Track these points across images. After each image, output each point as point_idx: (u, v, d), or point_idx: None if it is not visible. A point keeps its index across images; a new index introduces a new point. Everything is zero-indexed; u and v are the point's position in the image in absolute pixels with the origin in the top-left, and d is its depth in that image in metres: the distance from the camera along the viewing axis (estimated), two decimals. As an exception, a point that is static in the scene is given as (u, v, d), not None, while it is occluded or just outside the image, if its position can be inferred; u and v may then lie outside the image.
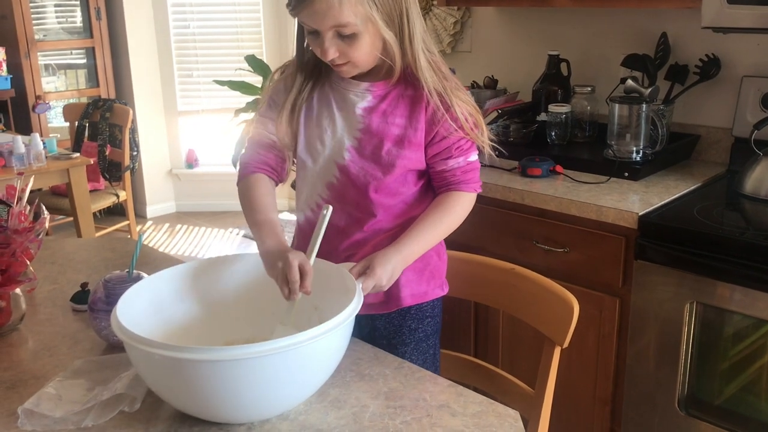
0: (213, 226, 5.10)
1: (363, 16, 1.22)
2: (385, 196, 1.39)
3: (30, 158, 3.52)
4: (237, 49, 5.09)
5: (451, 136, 1.36)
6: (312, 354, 1.04)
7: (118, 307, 1.10)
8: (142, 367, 1.06)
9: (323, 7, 1.19)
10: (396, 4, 1.24)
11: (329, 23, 1.22)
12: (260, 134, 1.46)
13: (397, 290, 1.42)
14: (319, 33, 1.24)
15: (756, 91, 2.17)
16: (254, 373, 1.00)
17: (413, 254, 1.36)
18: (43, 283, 1.62)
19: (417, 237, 1.36)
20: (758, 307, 1.70)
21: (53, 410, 1.10)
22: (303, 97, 1.39)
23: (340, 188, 1.40)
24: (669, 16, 2.35)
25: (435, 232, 1.39)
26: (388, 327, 1.48)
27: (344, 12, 1.20)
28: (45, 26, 4.91)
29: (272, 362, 1.00)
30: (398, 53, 1.29)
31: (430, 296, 1.48)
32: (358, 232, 1.41)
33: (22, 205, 1.38)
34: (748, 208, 2.00)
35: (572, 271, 2.01)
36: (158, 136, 5.30)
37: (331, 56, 1.26)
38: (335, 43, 1.25)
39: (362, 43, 1.25)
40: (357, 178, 1.38)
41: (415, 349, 1.49)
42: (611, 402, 2.04)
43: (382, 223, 1.41)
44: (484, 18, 2.90)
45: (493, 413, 1.12)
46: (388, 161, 1.36)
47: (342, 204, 1.40)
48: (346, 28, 1.22)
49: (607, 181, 2.12)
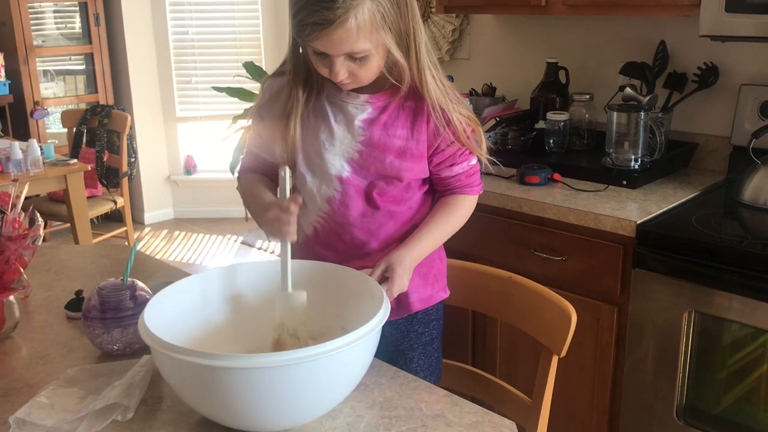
0: (211, 232, 5.09)
1: (377, 41, 1.21)
2: (391, 205, 1.39)
3: (27, 164, 3.51)
4: (235, 56, 5.10)
5: (453, 145, 1.37)
6: (339, 363, 1.04)
7: (145, 313, 1.10)
8: (169, 373, 1.05)
9: (341, 36, 1.17)
10: (404, 24, 1.24)
11: (344, 50, 1.20)
12: (254, 155, 1.46)
13: (406, 296, 1.43)
14: (327, 55, 1.22)
15: (754, 100, 2.17)
16: (281, 381, 0.99)
17: (423, 254, 1.39)
18: (38, 290, 1.61)
19: (426, 237, 1.38)
20: (756, 316, 1.69)
21: (45, 419, 1.09)
22: (299, 112, 1.36)
23: (342, 202, 1.38)
24: (667, 24, 2.35)
25: (442, 232, 1.41)
26: (395, 334, 1.48)
27: (361, 40, 1.18)
28: (44, 32, 4.91)
29: (301, 370, 0.99)
30: (406, 71, 1.28)
31: (436, 299, 1.50)
32: (368, 243, 1.40)
33: (16, 212, 1.37)
34: (746, 217, 1.99)
35: (570, 280, 2.01)
36: (156, 142, 5.30)
37: (341, 78, 1.25)
38: (346, 65, 1.23)
39: (373, 63, 1.25)
40: (359, 191, 1.37)
41: (422, 353, 1.50)
42: (609, 411, 2.03)
43: (391, 231, 1.41)
44: (483, 25, 2.90)
45: (489, 423, 1.11)
46: (392, 173, 1.35)
47: (347, 216, 1.39)
48: (359, 52, 1.21)
49: (606, 189, 2.11)
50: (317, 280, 1.30)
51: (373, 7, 1.17)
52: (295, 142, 1.37)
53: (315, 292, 1.27)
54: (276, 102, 1.38)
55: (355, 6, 1.15)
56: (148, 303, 1.15)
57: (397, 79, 1.30)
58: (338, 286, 1.28)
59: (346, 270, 1.29)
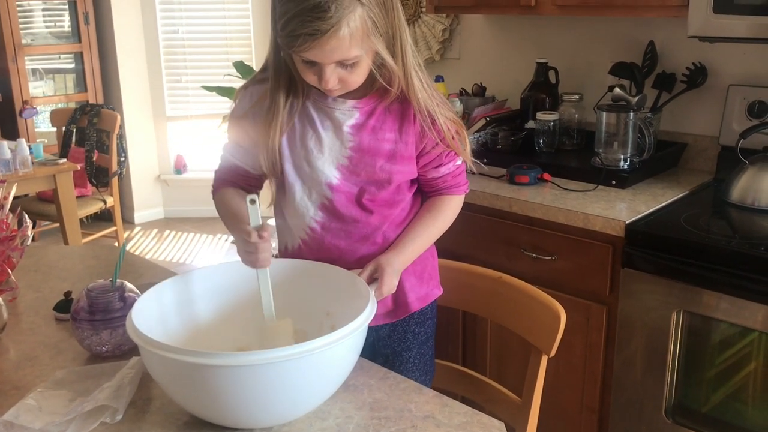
0: (201, 232, 5.07)
1: (368, 46, 1.20)
2: (384, 208, 1.38)
3: (16, 164, 3.50)
4: (226, 55, 5.08)
5: (439, 146, 1.37)
6: (327, 360, 1.05)
7: (133, 312, 1.11)
8: (157, 371, 1.06)
9: (333, 46, 1.15)
10: (391, 28, 1.23)
11: (335, 58, 1.18)
12: (231, 165, 1.43)
13: (404, 296, 1.43)
14: (316, 63, 1.20)
15: (742, 100, 2.18)
16: (269, 378, 1.00)
17: (413, 256, 1.39)
18: (26, 291, 1.60)
19: (415, 239, 1.39)
20: (744, 315, 1.70)
21: (33, 422, 1.09)
22: (283, 119, 1.33)
23: (334, 208, 1.37)
24: (656, 24, 2.36)
25: (430, 233, 1.42)
26: (392, 336, 1.48)
27: (353, 47, 1.17)
28: (32, 30, 4.88)
29: (290, 367, 1.00)
30: (396, 74, 1.27)
31: (432, 297, 1.50)
32: (363, 247, 1.39)
33: (4, 213, 1.36)
34: (734, 217, 2.01)
35: (560, 279, 2.01)
36: (146, 141, 5.28)
37: (331, 86, 1.23)
38: (336, 72, 1.21)
39: (362, 69, 1.24)
40: (351, 196, 1.36)
41: (418, 353, 1.51)
42: (598, 410, 2.04)
43: (387, 233, 1.40)
44: (473, 25, 2.90)
45: (478, 424, 1.11)
46: (383, 177, 1.35)
47: (340, 223, 1.38)
48: (351, 59, 1.20)
49: (595, 188, 2.12)
50: (306, 279, 1.31)
51: (363, 13, 1.16)
52: (281, 150, 1.35)
53: (304, 291, 1.27)
54: (258, 109, 1.35)
55: (347, 14, 1.13)
56: (136, 302, 1.15)
57: (386, 82, 1.29)
58: (327, 285, 1.28)
59: (335, 269, 1.30)
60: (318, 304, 1.28)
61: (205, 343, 1.24)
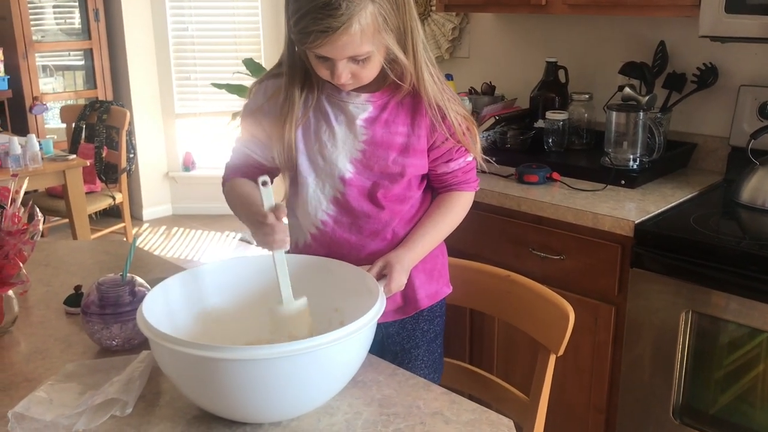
0: (209, 229, 5.09)
1: (379, 42, 1.21)
2: (394, 204, 1.39)
3: (26, 159, 3.51)
4: (235, 52, 5.09)
5: (449, 141, 1.38)
6: (336, 355, 1.05)
7: (144, 305, 1.11)
8: (168, 365, 1.06)
9: (345, 42, 1.17)
10: (403, 23, 1.24)
11: (347, 54, 1.20)
12: (245, 156, 1.43)
13: (414, 293, 1.44)
14: (329, 58, 1.22)
15: (753, 101, 2.17)
16: (278, 372, 1.00)
17: (422, 253, 1.39)
18: (37, 285, 1.61)
19: (424, 236, 1.39)
20: (753, 316, 1.69)
21: (44, 414, 1.09)
22: (298, 113, 1.34)
23: (346, 202, 1.38)
24: (667, 24, 2.35)
25: (440, 230, 1.42)
26: (401, 332, 1.49)
27: (364, 43, 1.18)
28: (43, 27, 4.91)
29: (299, 362, 1.00)
30: (407, 68, 1.28)
31: (441, 294, 1.50)
32: (373, 243, 1.40)
33: (15, 206, 1.37)
34: (744, 217, 2.00)
35: (568, 279, 2.01)
36: (155, 138, 5.30)
37: (344, 81, 1.24)
38: (348, 67, 1.23)
39: (374, 64, 1.25)
40: (363, 190, 1.37)
41: (427, 350, 1.51)
42: (606, 410, 2.04)
43: (397, 229, 1.40)
44: (483, 24, 2.90)
45: (487, 421, 1.11)
46: (396, 170, 1.35)
47: (351, 218, 1.38)
48: (362, 55, 1.21)
49: (604, 188, 2.12)
50: (315, 275, 1.31)
51: (374, 10, 1.17)
52: (296, 144, 1.36)
53: (313, 286, 1.27)
54: (273, 103, 1.37)
55: (358, 11, 1.14)
56: (147, 295, 1.16)
57: (398, 77, 1.30)
58: (336, 281, 1.28)
59: (344, 265, 1.30)
60: (327, 300, 1.28)
61: (214, 338, 1.24)
